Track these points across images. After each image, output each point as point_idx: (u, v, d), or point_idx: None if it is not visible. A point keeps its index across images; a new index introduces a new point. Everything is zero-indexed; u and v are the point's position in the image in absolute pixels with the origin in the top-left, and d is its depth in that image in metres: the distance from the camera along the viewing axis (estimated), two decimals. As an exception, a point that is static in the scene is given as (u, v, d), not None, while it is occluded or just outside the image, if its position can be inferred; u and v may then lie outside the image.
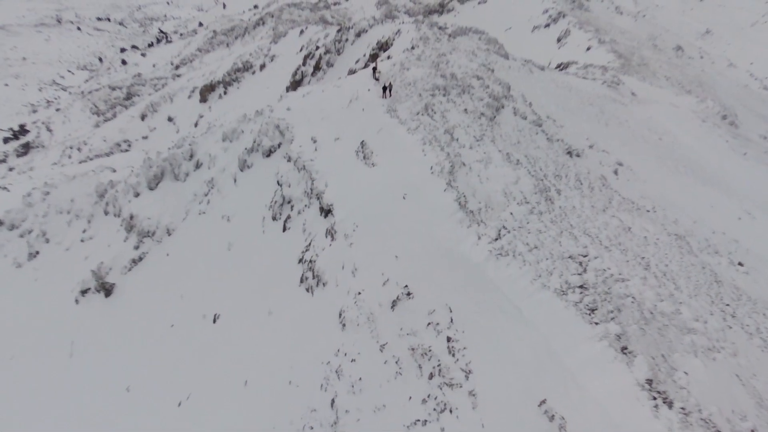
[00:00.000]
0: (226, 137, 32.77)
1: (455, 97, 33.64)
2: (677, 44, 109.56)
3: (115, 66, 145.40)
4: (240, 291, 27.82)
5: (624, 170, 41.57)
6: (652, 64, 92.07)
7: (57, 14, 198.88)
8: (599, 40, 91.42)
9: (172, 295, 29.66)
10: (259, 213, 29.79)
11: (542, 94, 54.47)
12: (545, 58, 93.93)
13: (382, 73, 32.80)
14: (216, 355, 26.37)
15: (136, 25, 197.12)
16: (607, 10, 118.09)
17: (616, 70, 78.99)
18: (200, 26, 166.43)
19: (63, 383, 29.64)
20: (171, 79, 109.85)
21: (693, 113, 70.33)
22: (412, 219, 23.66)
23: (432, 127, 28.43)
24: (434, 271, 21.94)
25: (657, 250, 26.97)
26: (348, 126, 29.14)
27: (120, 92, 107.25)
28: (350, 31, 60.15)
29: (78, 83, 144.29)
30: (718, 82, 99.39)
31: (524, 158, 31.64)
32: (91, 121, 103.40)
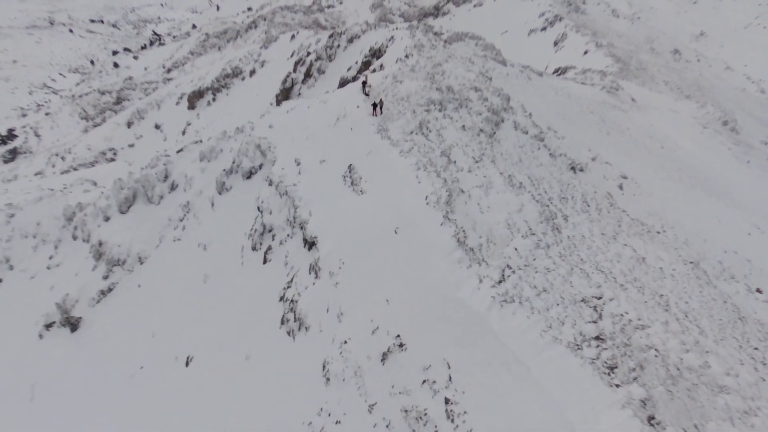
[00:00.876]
0: (204, 156, 29.73)
1: (452, 111, 30.71)
2: (674, 47, 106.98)
3: (107, 69, 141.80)
4: (215, 331, 24.80)
5: (628, 183, 38.94)
6: (650, 68, 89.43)
7: (50, 16, 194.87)
8: (596, 43, 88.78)
9: (143, 332, 26.62)
10: (238, 242, 26.77)
11: (542, 103, 51.75)
12: (542, 62, 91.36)
13: (373, 87, 29.77)
14: (187, 404, 23.36)
15: (130, 27, 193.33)
16: (604, 13, 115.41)
17: (615, 74, 76.26)
18: (194, 28, 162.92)
19: (24, 429, 26.59)
20: (162, 83, 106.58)
21: (694, 119, 67.83)
22: (405, 257, 20.67)
23: (427, 148, 25.43)
24: (430, 319, 18.94)
25: (675, 285, 24.10)
26: (335, 147, 26.13)
27: (109, 97, 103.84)
28: (342, 36, 57.06)
29: (69, 86, 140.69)
30: (716, 86, 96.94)
31: (527, 180, 28.70)
32: (79, 127, 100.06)
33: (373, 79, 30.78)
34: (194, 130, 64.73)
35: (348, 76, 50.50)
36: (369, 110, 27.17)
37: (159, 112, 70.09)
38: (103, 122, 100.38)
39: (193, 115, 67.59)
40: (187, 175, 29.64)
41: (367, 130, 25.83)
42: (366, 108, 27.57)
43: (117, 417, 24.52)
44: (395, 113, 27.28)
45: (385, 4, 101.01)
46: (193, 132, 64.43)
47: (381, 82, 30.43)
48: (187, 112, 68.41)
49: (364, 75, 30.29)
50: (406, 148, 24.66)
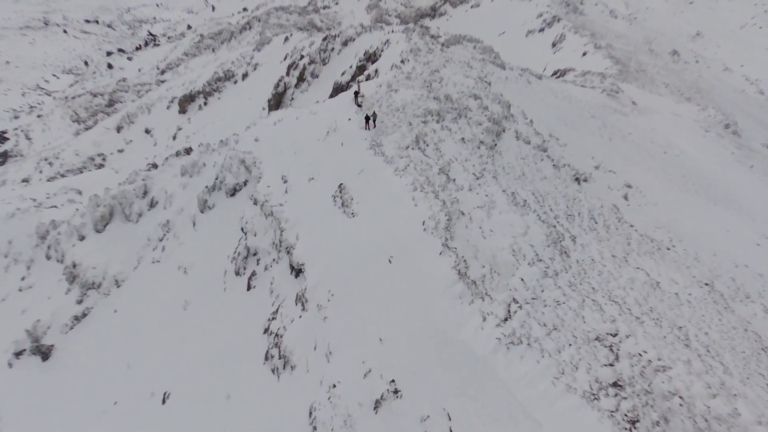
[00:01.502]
0: (186, 171, 27.45)
1: (451, 122, 28.50)
2: (673, 48, 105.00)
3: (101, 70, 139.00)
4: (195, 364, 22.56)
5: (633, 193, 37.01)
6: (649, 70, 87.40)
7: (44, 16, 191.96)
8: (595, 45, 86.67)
9: (118, 363, 24.36)
10: (221, 265, 24.52)
11: (542, 108, 49.66)
12: (540, 63, 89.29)
13: (366, 97, 27.50)
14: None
15: (125, 28, 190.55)
16: (602, 13, 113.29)
17: (615, 77, 74.14)
18: (189, 29, 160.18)
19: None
20: (155, 85, 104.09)
21: (695, 123, 65.89)
22: (400, 290, 18.47)
23: (424, 164, 23.19)
24: (429, 363, 16.76)
25: (692, 312, 22.07)
26: (324, 163, 23.88)
27: (102, 99, 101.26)
28: (337, 39, 54.77)
29: (63, 88, 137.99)
30: (715, 88, 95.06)
31: (531, 196, 26.52)
32: (71, 129, 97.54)
33: (366, 88, 28.51)
34: (185, 135, 62.36)
35: (342, 80, 48.26)
36: (361, 123, 24.92)
37: (149, 116, 67.66)
38: (95, 125, 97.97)
39: (184, 120, 65.22)
40: (168, 191, 27.38)
41: (360, 145, 23.57)
42: (358, 121, 25.30)
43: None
44: (390, 126, 25.02)
45: (381, 5, 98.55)
46: (184, 137, 62.07)
47: (375, 91, 28.15)
48: (178, 117, 66.03)
49: (357, 84, 28.01)
50: (402, 166, 22.41)
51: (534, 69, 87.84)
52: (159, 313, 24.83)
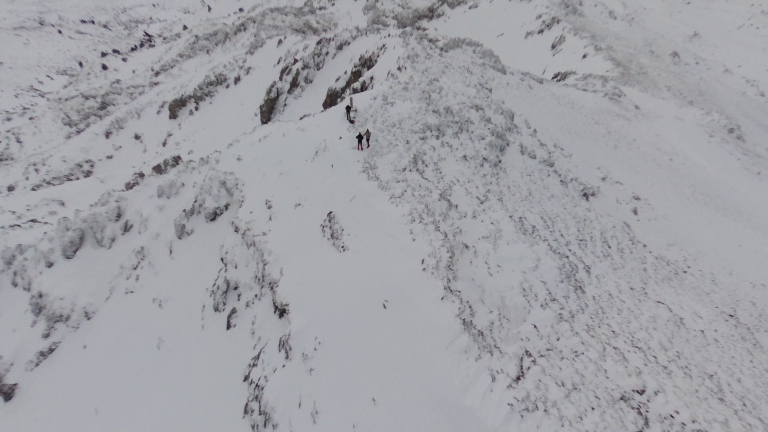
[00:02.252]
0: (163, 192, 24.79)
1: (451, 138, 25.92)
2: (673, 50, 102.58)
3: (96, 71, 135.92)
4: (168, 413, 19.95)
5: (642, 206, 34.79)
6: (651, 73, 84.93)
7: (40, 16, 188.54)
8: (595, 47, 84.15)
9: (86, 407, 21.73)
10: (199, 299, 21.90)
11: (545, 115, 47.19)
12: (540, 65, 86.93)
13: (359, 111, 24.84)
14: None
15: (121, 28, 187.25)
16: (601, 14, 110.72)
17: (616, 80, 71.68)
18: (184, 29, 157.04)
19: None
20: (149, 87, 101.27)
21: (699, 127, 63.51)
22: (396, 341, 15.91)
23: (423, 189, 20.56)
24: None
25: (721, 354, 19.68)
26: (313, 187, 21.23)
27: (94, 101, 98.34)
28: (331, 43, 52.01)
29: (57, 89, 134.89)
30: (717, 91, 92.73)
31: (540, 221, 23.95)
32: (62, 132, 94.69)
33: (359, 101, 25.84)
34: (175, 141, 59.60)
35: (336, 87, 45.57)
36: (353, 143, 22.25)
37: (139, 121, 64.83)
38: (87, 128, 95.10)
39: (174, 125, 62.43)
40: (143, 213, 24.72)
41: (351, 168, 20.92)
42: (350, 139, 22.64)
43: None
44: (385, 145, 22.36)
45: (378, 6, 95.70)
46: (174, 144, 59.31)
47: (369, 104, 25.49)
48: (169, 122, 63.23)
49: (349, 98, 25.33)
50: (398, 192, 19.79)
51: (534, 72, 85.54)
52: (131, 352, 22.20)
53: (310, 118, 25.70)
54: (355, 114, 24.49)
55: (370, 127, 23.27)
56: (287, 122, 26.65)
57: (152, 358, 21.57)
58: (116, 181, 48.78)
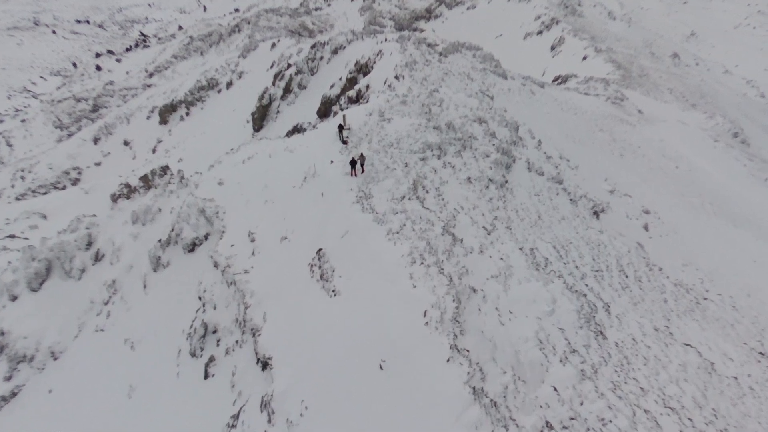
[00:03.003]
0: (138, 218, 22.26)
1: (454, 157, 23.45)
2: (673, 51, 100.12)
3: (89, 72, 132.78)
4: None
5: (652, 220, 32.78)
6: (652, 75, 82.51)
7: (34, 16, 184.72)
8: (596, 48, 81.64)
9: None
10: (174, 341, 19.39)
11: (549, 123, 44.82)
12: (539, 67, 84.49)
13: (353, 130, 22.29)
14: None
15: (116, 28, 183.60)
16: (600, 15, 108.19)
17: (618, 83, 69.25)
18: (180, 30, 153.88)
19: None
20: (142, 89, 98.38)
21: (703, 131, 61.23)
22: (396, 412, 13.49)
23: (424, 221, 18.07)
24: None
25: (759, 407, 17.52)
26: (300, 218, 18.73)
27: (86, 104, 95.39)
28: (326, 47, 49.37)
29: (50, 90, 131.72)
30: (718, 92, 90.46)
31: (553, 251, 21.50)
32: (53, 136, 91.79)
33: (353, 118, 23.29)
34: (165, 148, 56.91)
35: (331, 94, 42.97)
36: (346, 167, 19.72)
37: (129, 126, 62.07)
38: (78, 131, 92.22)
39: (164, 131, 59.71)
40: (116, 242, 22.17)
41: (344, 197, 18.41)
42: (343, 164, 20.10)
43: None
44: (381, 169, 19.84)
45: (374, 7, 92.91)
46: (164, 151, 56.62)
47: (364, 121, 22.96)
48: (159, 128, 60.52)
49: (342, 115, 22.74)
50: (397, 226, 17.29)
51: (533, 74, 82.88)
52: (100, 399, 19.69)
53: (299, 137, 23.13)
54: (349, 133, 21.96)
55: (364, 149, 20.74)
56: (274, 140, 24.12)
57: (123, 407, 19.08)
58: (101, 191, 45.95)
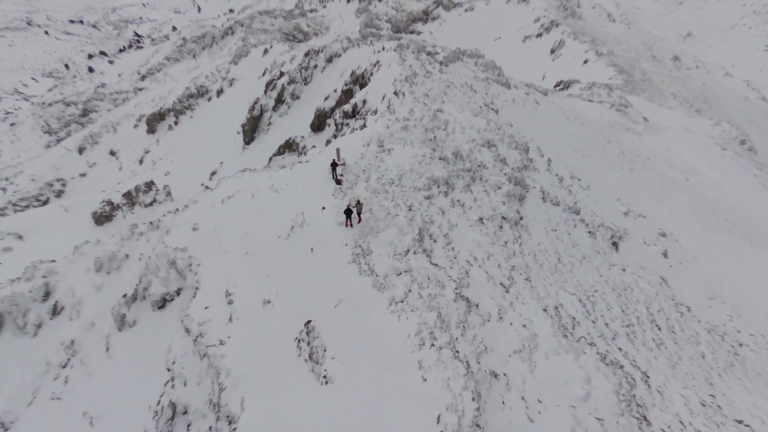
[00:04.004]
0: (102, 266, 19.05)
1: (463, 192, 20.32)
2: (674, 54, 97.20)
3: (81, 74, 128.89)
4: None
5: (670, 245, 30.96)
6: (655, 79, 79.51)
7: (27, 16, 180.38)
8: (596, 52, 78.53)
9: None
10: (139, 419, 16.21)
11: (556, 136, 41.83)
12: (539, 71, 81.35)
13: (348, 165, 19.06)
14: None
15: (110, 28, 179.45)
16: (599, 17, 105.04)
17: (621, 88, 66.20)
18: (174, 30, 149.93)
19: None
20: (133, 93, 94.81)
21: (710, 139, 58.44)
22: None
23: (434, 284, 14.92)
24: None
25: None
26: (287, 277, 15.55)
27: (75, 108, 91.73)
28: (320, 55, 46.04)
29: (41, 92, 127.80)
30: (720, 96, 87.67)
31: (579, 306, 18.41)
32: (42, 141, 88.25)
33: (349, 148, 20.05)
34: (152, 159, 53.52)
35: (325, 106, 39.73)
36: (340, 216, 16.51)
37: (115, 136, 58.57)
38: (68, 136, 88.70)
39: (152, 141, 56.28)
40: (77, 293, 18.97)
41: (338, 255, 15.24)
42: (336, 211, 16.88)
43: None
44: (382, 216, 16.66)
45: (371, 8, 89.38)
46: (151, 162, 53.24)
47: (361, 153, 19.74)
48: (146, 137, 57.08)
49: (335, 148, 19.43)
50: (401, 293, 14.14)
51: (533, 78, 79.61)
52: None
53: (286, 172, 19.86)
54: (343, 169, 18.73)
55: (362, 189, 17.53)
56: (259, 173, 20.88)
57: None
58: (82, 209, 42.79)
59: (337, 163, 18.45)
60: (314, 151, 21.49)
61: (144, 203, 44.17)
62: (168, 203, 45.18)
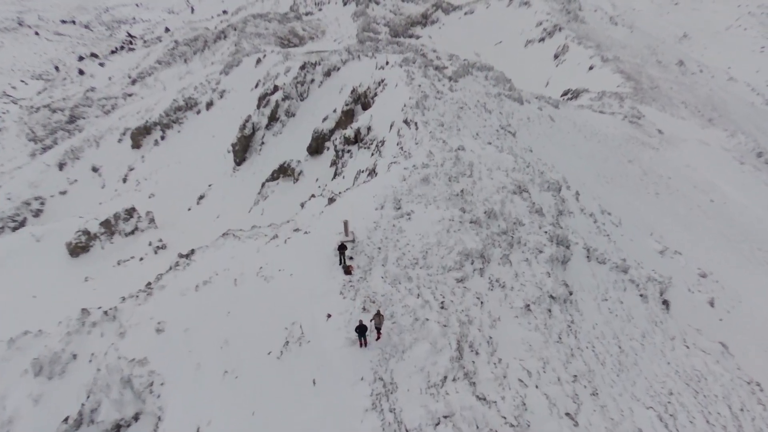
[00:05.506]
0: (42, 368, 14.38)
1: (501, 264, 15.75)
2: (679, 59, 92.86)
3: (72, 76, 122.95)
4: None
5: (714, 288, 26.67)
6: (662, 86, 75.15)
7: (18, 16, 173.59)
8: (602, 57, 73.97)
9: None
10: None
11: (578, 160, 37.58)
12: (542, 77, 76.87)
13: (359, 240, 14.38)
14: None
15: (103, 29, 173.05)
16: (601, 20, 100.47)
17: (632, 97, 61.83)
18: (166, 32, 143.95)
19: None
20: (122, 98, 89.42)
21: (726, 152, 54.39)
22: None
23: (482, 425, 10.37)
24: None
25: None
26: (280, 418, 10.93)
27: (62, 115, 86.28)
28: (317, 68, 41.17)
29: (31, 95, 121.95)
30: (727, 102, 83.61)
31: (658, 424, 13.83)
32: (27, 150, 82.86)
33: (359, 208, 15.31)
34: (136, 178, 48.56)
35: (324, 128, 34.95)
36: (350, 332, 11.82)
37: (98, 150, 53.42)
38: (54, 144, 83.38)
39: (137, 157, 51.24)
40: (8, 405, 14.27)
41: (350, 397, 10.61)
42: (343, 320, 12.19)
43: None
44: (407, 324, 12.01)
45: (368, 12, 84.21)
46: (135, 181, 48.31)
47: (374, 221, 15.04)
48: (131, 152, 52.01)
49: (343, 221, 14.52)
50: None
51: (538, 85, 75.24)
52: None
53: (280, 247, 15.08)
54: (354, 247, 14.05)
55: (377, 278, 12.84)
56: (246, 242, 16.14)
57: None
58: (55, 238, 37.97)
59: (345, 244, 13.74)
60: (313, 215, 16.71)
61: (124, 232, 39.34)
62: (151, 231, 40.38)
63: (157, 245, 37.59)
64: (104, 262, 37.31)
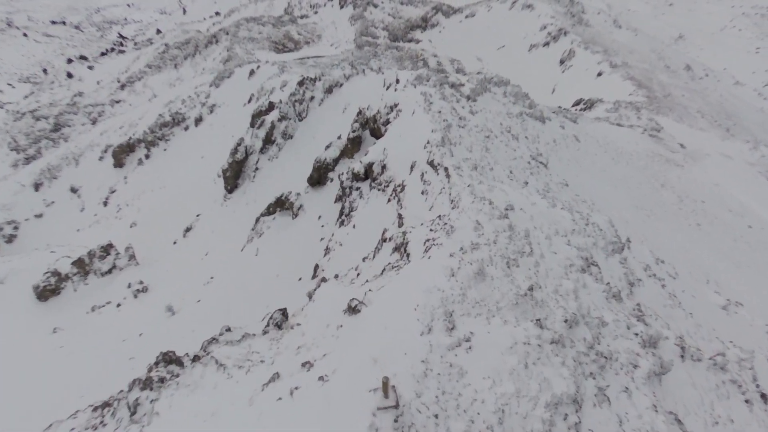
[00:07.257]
0: None
1: (596, 405, 10.63)
2: (685, 63, 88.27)
3: (60, 79, 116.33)
4: None
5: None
6: (675, 94, 70.39)
7: (7, 17, 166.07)
8: (611, 63, 69.17)
9: None
10: None
11: (613, 191, 32.35)
12: (548, 83, 71.87)
13: (405, 407, 9.11)
14: None
15: (94, 30, 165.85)
16: (605, 23, 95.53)
17: (647, 107, 57.03)
18: (158, 34, 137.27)
19: None
20: (109, 105, 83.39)
21: (750, 166, 49.65)
22: None
23: None
24: None
25: None
26: None
27: (46, 123, 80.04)
28: (317, 84, 35.66)
29: (18, 99, 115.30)
30: (737, 108, 79.28)
31: None
32: (9, 159, 76.83)
33: (397, 331, 10.02)
34: (117, 202, 42.92)
35: (326, 157, 29.56)
36: None
37: (77, 169, 47.69)
38: (38, 154, 77.37)
39: (119, 177, 45.58)
40: None
41: None
42: None
43: None
44: None
45: (366, 15, 78.48)
46: (116, 206, 42.67)
47: (422, 361, 9.70)
48: (113, 172, 46.34)
49: (376, 395, 9.12)
50: None
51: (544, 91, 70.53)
52: None
53: (283, 409, 9.77)
54: (398, 417, 8.72)
55: None
56: (236, 373, 10.86)
57: None
58: (20, 281, 32.42)
59: (386, 410, 8.50)
60: (328, 326, 11.39)
61: (100, 271, 33.90)
62: (131, 269, 34.91)
63: (137, 288, 32.12)
64: (76, 309, 31.87)
